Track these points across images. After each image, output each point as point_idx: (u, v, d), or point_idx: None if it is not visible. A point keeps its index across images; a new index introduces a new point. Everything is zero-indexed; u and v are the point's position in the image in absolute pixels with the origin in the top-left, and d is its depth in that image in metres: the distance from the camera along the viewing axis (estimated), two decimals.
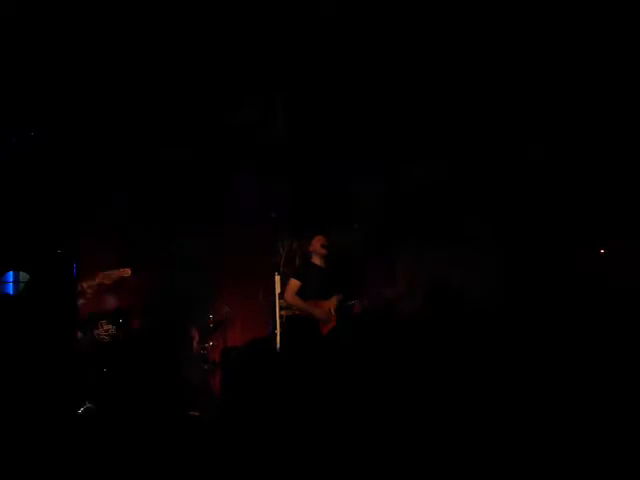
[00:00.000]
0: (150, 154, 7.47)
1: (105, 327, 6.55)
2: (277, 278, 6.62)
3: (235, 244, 6.76)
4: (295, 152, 7.72)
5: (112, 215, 7.53)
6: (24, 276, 5.80)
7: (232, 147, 7.59)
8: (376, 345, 3.56)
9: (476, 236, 7.57)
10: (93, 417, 3.69)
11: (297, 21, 6.80)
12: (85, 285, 6.17)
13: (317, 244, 6.82)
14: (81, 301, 6.09)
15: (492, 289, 7.24)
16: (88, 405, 5.40)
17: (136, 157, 7.46)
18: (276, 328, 6.47)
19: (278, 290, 6.57)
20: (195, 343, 6.46)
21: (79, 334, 6.39)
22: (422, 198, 7.83)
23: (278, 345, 6.32)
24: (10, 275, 5.99)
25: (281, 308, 6.70)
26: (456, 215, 7.75)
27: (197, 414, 3.58)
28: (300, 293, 6.66)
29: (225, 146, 7.59)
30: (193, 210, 7.68)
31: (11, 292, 5.86)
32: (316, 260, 6.82)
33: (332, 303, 6.67)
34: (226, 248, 6.82)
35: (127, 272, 6.47)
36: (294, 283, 6.67)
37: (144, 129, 7.30)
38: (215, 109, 7.29)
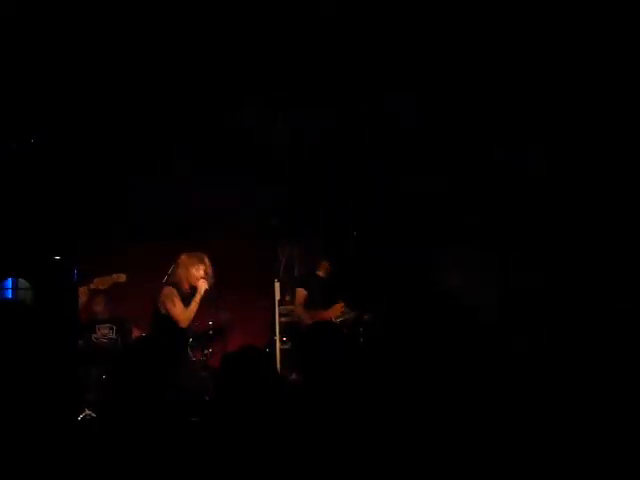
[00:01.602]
0: (150, 158, 7.49)
1: (103, 331, 6.58)
2: (277, 285, 6.67)
3: (235, 250, 6.76)
4: (296, 156, 7.73)
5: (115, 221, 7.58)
6: (23, 283, 5.81)
7: (230, 149, 7.60)
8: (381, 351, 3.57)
9: (477, 239, 7.59)
10: (93, 424, 3.69)
11: (297, 21, 6.79)
12: (80, 289, 6.16)
13: (323, 269, 6.92)
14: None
15: (496, 294, 7.26)
16: (88, 412, 5.42)
17: (136, 161, 7.48)
18: (276, 335, 6.52)
19: (277, 297, 6.62)
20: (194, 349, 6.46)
21: (79, 340, 6.43)
22: (424, 202, 7.85)
23: (278, 351, 6.38)
24: (9, 281, 6.00)
25: (281, 315, 6.75)
26: (457, 219, 7.77)
27: (197, 420, 3.58)
28: (305, 302, 6.72)
29: (223, 148, 7.60)
30: (190, 214, 7.70)
31: (10, 298, 5.86)
32: (320, 272, 6.92)
33: (334, 312, 6.76)
34: (226, 253, 6.81)
35: (122, 277, 6.47)
36: (301, 292, 6.71)
37: (144, 132, 7.31)
38: (214, 110, 7.29)
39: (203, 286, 6.16)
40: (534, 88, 7.18)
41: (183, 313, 6.09)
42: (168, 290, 6.19)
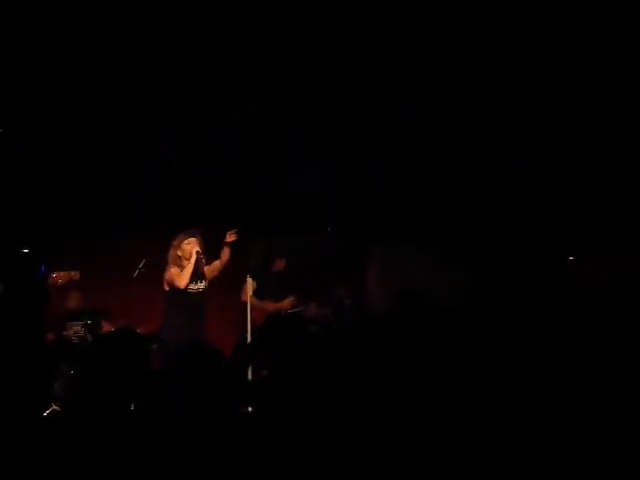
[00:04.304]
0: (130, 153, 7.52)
1: (74, 328, 6.64)
2: (249, 281, 6.89)
3: (207, 244, 6.78)
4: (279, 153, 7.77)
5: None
6: None
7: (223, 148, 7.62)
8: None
9: (449, 237, 7.61)
10: (59, 420, 3.67)
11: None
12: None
13: (277, 264, 7.40)
14: None
15: (464, 292, 7.29)
16: (54, 407, 5.41)
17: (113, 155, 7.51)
18: (247, 331, 6.67)
19: (250, 293, 6.83)
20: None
21: (50, 335, 6.49)
22: (404, 200, 7.87)
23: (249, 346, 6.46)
24: None
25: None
26: (434, 218, 7.79)
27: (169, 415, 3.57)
28: (256, 293, 7.10)
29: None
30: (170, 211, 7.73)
31: None
32: (274, 267, 7.22)
33: (284, 305, 7.25)
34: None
35: (76, 275, 6.65)
36: (250, 283, 7.12)
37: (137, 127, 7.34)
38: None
39: (194, 249, 6.56)
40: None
41: (179, 275, 6.47)
42: (167, 267, 6.59)
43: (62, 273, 6.56)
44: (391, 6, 6.69)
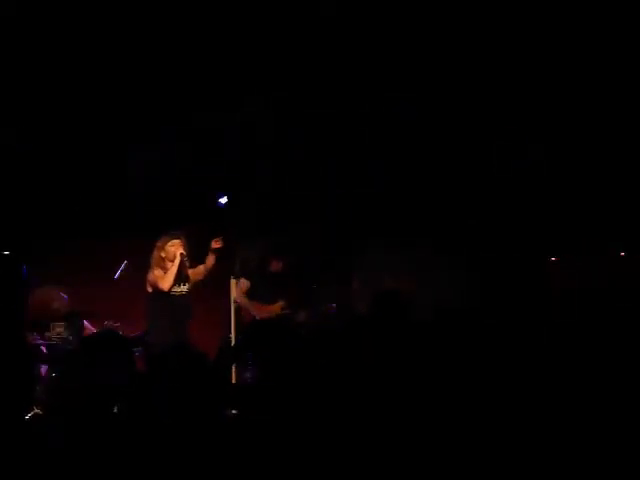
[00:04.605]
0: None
1: (56, 330, 6.64)
2: (233, 282, 6.86)
3: (190, 246, 6.77)
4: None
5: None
6: None
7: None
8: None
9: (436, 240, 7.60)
10: (41, 423, 3.63)
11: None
12: None
13: (275, 266, 7.18)
14: None
15: (452, 295, 7.28)
16: (36, 410, 5.37)
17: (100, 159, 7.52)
18: (231, 332, 6.65)
19: (233, 294, 6.80)
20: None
21: (33, 336, 6.51)
22: (386, 200, 7.86)
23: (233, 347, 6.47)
24: None
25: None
26: (433, 217, 7.77)
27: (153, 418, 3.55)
28: (248, 293, 6.96)
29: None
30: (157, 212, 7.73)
31: None
32: (271, 268, 7.13)
33: (275, 308, 7.04)
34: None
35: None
36: (244, 283, 6.98)
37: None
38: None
39: (178, 251, 6.53)
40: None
41: (162, 277, 6.47)
42: (150, 269, 6.56)
43: (46, 289, 6.63)
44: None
